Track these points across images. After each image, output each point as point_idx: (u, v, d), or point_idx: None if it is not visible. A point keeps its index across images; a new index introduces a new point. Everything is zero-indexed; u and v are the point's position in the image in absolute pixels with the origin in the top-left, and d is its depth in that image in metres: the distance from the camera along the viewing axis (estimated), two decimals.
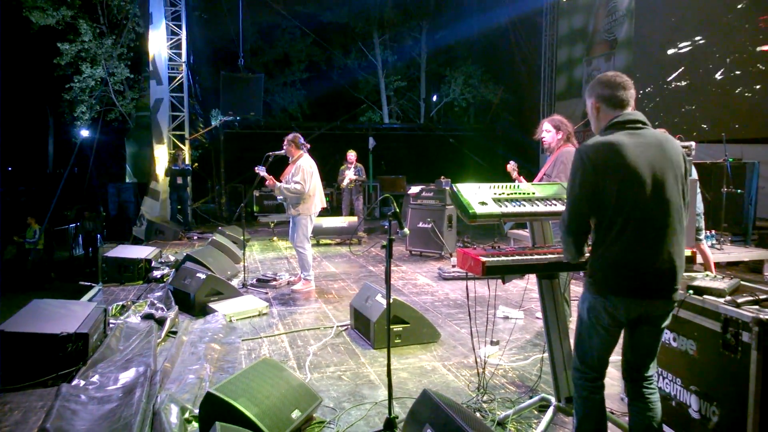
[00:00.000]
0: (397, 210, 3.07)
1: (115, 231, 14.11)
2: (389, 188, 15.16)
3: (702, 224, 5.99)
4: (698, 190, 5.80)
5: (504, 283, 2.87)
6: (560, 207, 2.99)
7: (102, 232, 15.29)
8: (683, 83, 10.59)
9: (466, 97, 21.81)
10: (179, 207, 12.46)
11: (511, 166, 5.02)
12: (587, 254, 2.51)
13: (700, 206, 5.89)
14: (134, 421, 3.17)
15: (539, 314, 5.04)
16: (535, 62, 15.35)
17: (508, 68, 18.70)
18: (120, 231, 13.76)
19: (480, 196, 2.97)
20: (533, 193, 3.08)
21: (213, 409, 3.01)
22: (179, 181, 12.09)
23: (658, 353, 2.55)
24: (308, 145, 6.79)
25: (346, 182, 10.87)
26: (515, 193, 3.03)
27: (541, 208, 2.97)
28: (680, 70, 10.65)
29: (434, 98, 23.82)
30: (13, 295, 11.60)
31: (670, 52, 10.87)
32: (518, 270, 2.81)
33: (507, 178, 4.99)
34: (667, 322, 2.44)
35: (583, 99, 14.43)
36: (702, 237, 6.02)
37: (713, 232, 7.25)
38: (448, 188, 2.78)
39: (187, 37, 13.29)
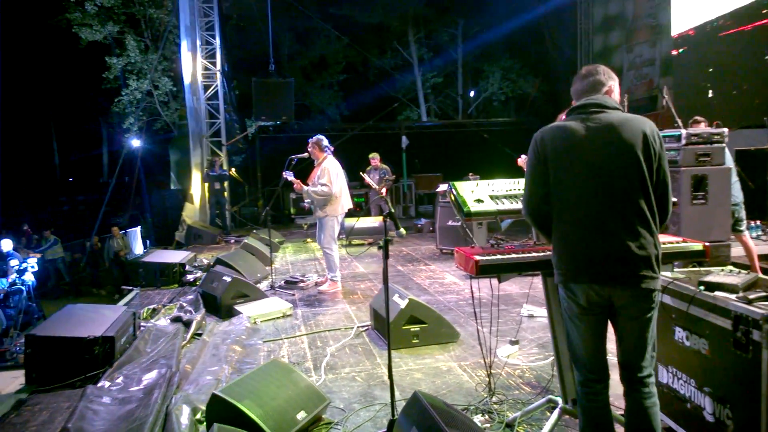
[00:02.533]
0: (392, 210, 3.04)
1: (160, 236, 14.58)
2: (425, 186, 15.10)
3: (743, 214, 5.69)
4: (736, 179, 5.52)
5: (500, 282, 2.81)
6: None
7: (149, 238, 15.84)
8: (731, 67, 10.10)
9: (504, 91, 21.52)
10: (218, 212, 12.75)
11: (523, 161, 4.90)
12: None
13: (738, 195, 5.60)
14: (147, 421, 3.26)
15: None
16: (571, 53, 14.97)
17: (545, 60, 18.31)
18: (165, 236, 14.20)
19: (477, 193, 2.92)
20: None
21: (218, 410, 3.06)
22: (217, 186, 12.38)
23: (671, 352, 2.44)
24: (332, 148, 6.81)
25: (378, 188, 10.64)
26: (513, 190, 2.96)
27: None
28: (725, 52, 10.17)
29: (471, 94, 23.59)
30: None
31: (718, 35, 10.39)
32: (512, 268, 2.74)
33: None
34: (649, 314, 2.33)
35: (624, 88, 13.89)
36: (743, 228, 5.73)
37: (758, 222, 6.89)
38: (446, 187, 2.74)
39: (221, 46, 13.57)
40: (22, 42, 24.94)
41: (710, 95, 10.43)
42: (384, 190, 10.49)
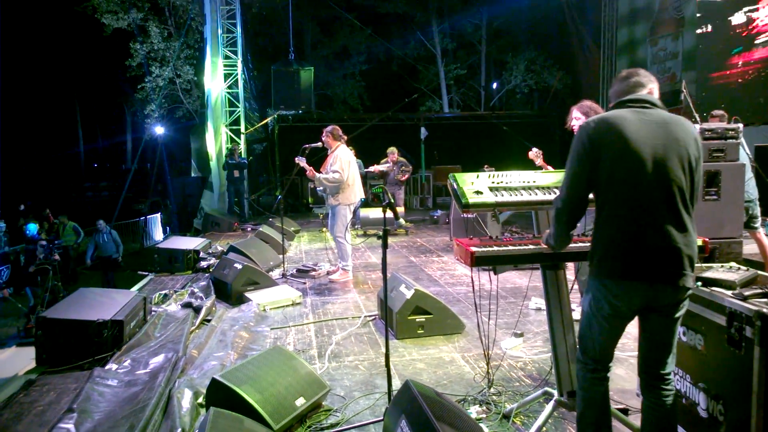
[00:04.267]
0: (392, 201, 3.06)
1: (180, 223, 14.80)
2: (444, 178, 15.02)
3: (757, 211, 5.59)
4: (751, 175, 5.42)
5: (496, 273, 2.81)
6: None
7: (170, 225, 16.09)
8: (750, 61, 9.86)
9: (528, 83, 21.28)
10: (236, 199, 12.89)
11: (534, 153, 4.85)
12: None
13: (753, 192, 5.50)
14: (150, 404, 3.34)
15: (574, 306, 4.87)
16: (594, 45, 14.75)
17: (569, 52, 18.06)
18: (185, 223, 14.42)
19: (477, 185, 2.92)
20: (533, 182, 2.98)
21: (218, 394, 3.12)
22: (236, 174, 12.50)
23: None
24: (345, 137, 6.85)
25: (373, 168, 10.90)
26: (513, 182, 2.95)
27: (539, 197, 2.88)
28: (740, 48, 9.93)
29: (494, 86, 23.37)
30: None
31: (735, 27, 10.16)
32: (508, 260, 2.74)
33: (556, 165, 4.83)
34: (680, 313, 2.31)
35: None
36: (757, 225, 5.63)
37: None
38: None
39: (242, 34, 13.66)
40: (48, 28, 25.40)
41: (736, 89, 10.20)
42: (405, 176, 10.65)
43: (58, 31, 25.56)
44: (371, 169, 10.93)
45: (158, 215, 16.05)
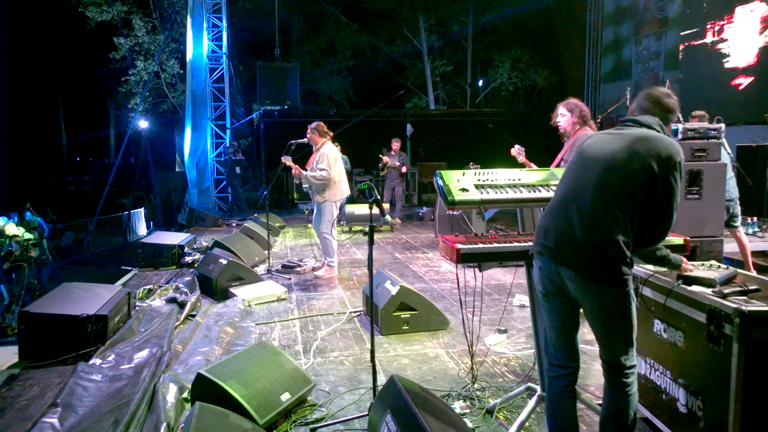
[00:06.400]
0: (379, 198, 3.07)
1: (165, 218, 14.68)
2: (429, 174, 15.07)
3: (738, 210, 5.69)
4: (731, 174, 5.51)
5: (480, 270, 2.84)
6: (545, 193, 2.93)
7: (154, 219, 15.95)
8: (730, 61, 10.01)
9: (514, 81, 21.37)
10: (226, 195, 12.86)
11: (516, 151, 4.88)
12: None
13: (734, 191, 5.60)
14: (134, 398, 3.33)
15: None
16: (580, 43, 14.87)
17: (555, 50, 18.18)
18: (169, 218, 14.30)
19: (462, 182, 2.94)
20: (519, 180, 3.02)
21: (203, 389, 3.12)
22: (238, 171, 12.51)
23: (649, 344, 2.46)
24: (331, 133, 6.84)
25: (386, 161, 10.88)
26: (498, 180, 2.98)
27: (524, 194, 2.92)
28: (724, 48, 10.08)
29: (480, 83, 23.44)
30: None
31: (716, 28, 10.30)
32: (493, 258, 2.77)
33: (540, 162, 4.86)
34: (606, 313, 2.33)
35: (632, 81, 13.82)
36: (737, 223, 5.73)
37: (755, 219, 6.87)
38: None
39: (227, 28, 13.56)
40: (31, 20, 24.99)
41: (719, 89, 10.36)
42: (404, 169, 10.72)
43: (41, 23, 25.15)
44: (389, 162, 10.91)
45: (142, 210, 15.88)
